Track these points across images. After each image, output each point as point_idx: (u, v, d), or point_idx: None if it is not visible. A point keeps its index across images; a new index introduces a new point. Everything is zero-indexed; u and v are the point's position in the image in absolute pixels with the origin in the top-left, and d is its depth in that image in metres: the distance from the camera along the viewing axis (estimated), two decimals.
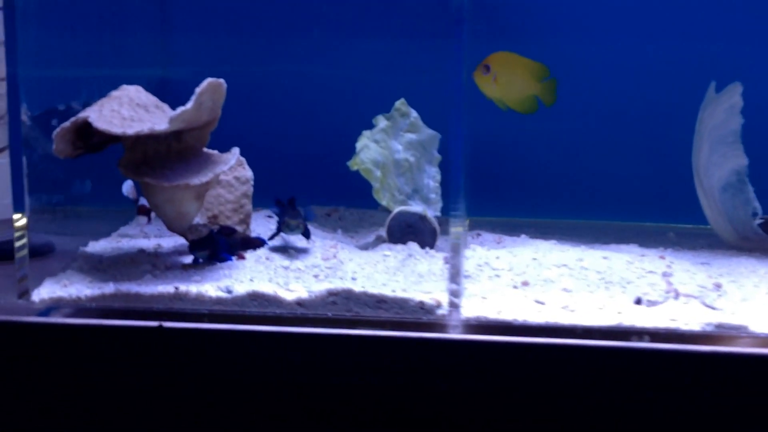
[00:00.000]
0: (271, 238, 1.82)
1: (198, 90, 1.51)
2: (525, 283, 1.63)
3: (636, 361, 1.41)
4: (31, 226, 1.53)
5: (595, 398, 1.42)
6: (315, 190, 2.30)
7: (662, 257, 1.83)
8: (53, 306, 1.53)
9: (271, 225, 2.00)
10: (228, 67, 2.27)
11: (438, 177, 2.00)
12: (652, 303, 1.54)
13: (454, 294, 1.51)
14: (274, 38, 2.30)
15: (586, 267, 1.68)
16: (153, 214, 1.87)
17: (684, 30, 2.18)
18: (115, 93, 1.59)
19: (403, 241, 1.91)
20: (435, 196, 1.99)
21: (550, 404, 1.43)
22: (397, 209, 1.94)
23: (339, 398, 1.45)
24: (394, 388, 1.45)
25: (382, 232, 2.09)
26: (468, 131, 1.82)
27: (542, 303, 1.54)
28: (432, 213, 1.95)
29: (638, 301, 1.55)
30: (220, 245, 1.69)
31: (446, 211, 2.01)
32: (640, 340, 1.44)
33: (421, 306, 1.51)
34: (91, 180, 1.88)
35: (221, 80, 1.55)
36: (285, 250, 1.79)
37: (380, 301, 1.51)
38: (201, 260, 1.68)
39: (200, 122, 1.58)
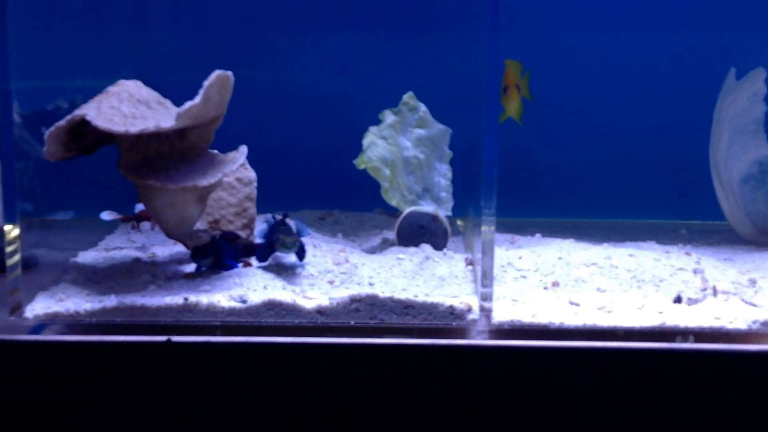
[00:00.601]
0: (264, 259, 1.60)
1: (206, 83, 1.39)
2: (555, 284, 1.54)
3: (683, 364, 1.33)
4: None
5: (641, 404, 1.33)
6: (306, 193, 2.21)
7: (688, 254, 1.75)
8: (48, 322, 1.40)
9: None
10: (210, 65, 2.17)
11: (449, 174, 1.90)
12: (692, 301, 1.45)
13: (486, 298, 1.41)
14: (260, 36, 2.19)
15: (615, 265, 1.60)
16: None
17: (689, 20, 2.11)
18: (112, 89, 1.47)
19: (415, 243, 1.81)
20: (446, 194, 1.89)
21: (594, 411, 1.34)
22: (407, 210, 1.84)
23: (366, 414, 1.35)
24: (426, 401, 1.34)
25: (388, 234, 1.99)
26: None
27: (577, 304, 1.45)
28: (444, 213, 1.85)
29: (678, 300, 1.46)
30: (224, 252, 1.57)
31: (459, 211, 1.91)
32: (686, 340, 1.35)
33: (451, 311, 1.41)
34: (66, 187, 1.75)
35: (229, 73, 1.44)
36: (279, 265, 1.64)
37: (407, 306, 1.41)
38: (203, 268, 1.56)
39: (206, 119, 1.47)
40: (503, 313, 1.41)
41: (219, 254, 1.57)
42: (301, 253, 1.59)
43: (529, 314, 1.40)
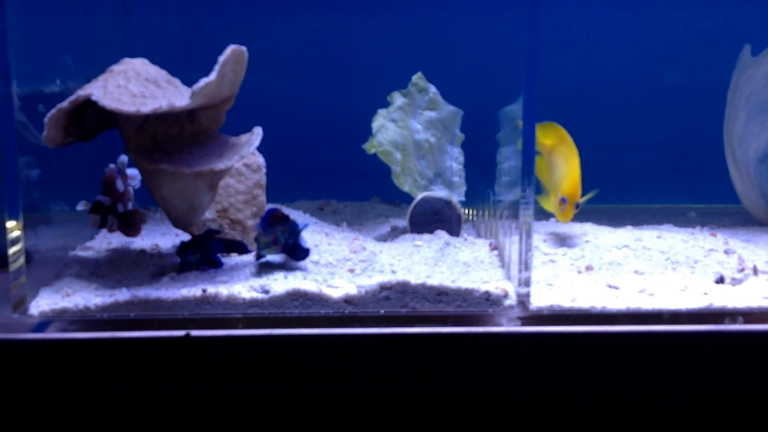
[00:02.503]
0: (259, 257, 1.47)
1: (221, 59, 1.30)
2: (589, 267, 1.47)
3: (734, 345, 1.27)
4: None
5: (691, 388, 1.27)
6: (302, 184, 2.13)
7: (713, 234, 1.70)
8: (55, 319, 1.30)
9: None
10: (198, 51, 2.08)
11: (461, 158, 1.83)
12: (735, 281, 1.40)
13: (524, 282, 1.34)
14: (248, 19, 2.10)
15: (648, 247, 1.54)
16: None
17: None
18: (117, 67, 1.37)
19: (429, 230, 1.73)
20: (459, 179, 1.82)
21: (641, 397, 1.27)
22: (420, 195, 1.76)
23: (400, 409, 1.26)
24: (464, 394, 1.26)
25: (395, 222, 1.92)
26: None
27: (616, 287, 1.38)
28: (457, 198, 1.78)
29: (720, 280, 1.40)
30: (213, 248, 1.47)
31: (472, 196, 1.84)
32: (735, 322, 1.29)
33: (487, 297, 1.33)
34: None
35: (244, 48, 1.35)
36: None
37: (441, 293, 1.33)
38: (190, 264, 1.45)
39: (219, 98, 1.37)
40: (541, 298, 1.34)
41: (207, 250, 1.46)
42: (297, 253, 1.45)
43: (568, 299, 1.33)
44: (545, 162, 1.72)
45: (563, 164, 1.64)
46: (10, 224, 1.31)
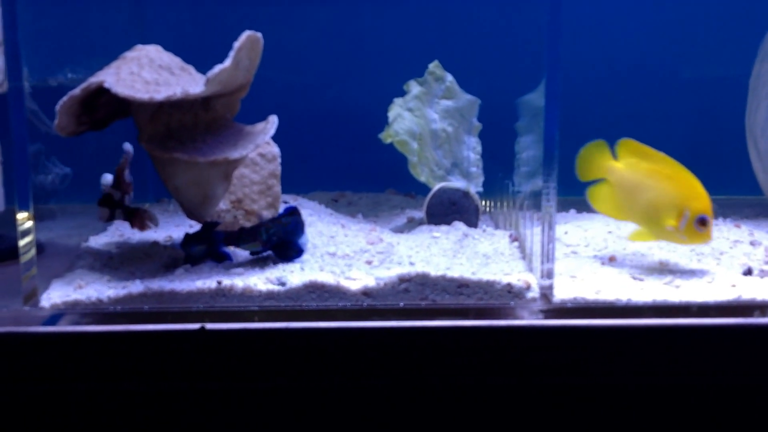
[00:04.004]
0: (256, 253, 1.43)
1: (236, 45, 1.26)
2: (613, 259, 1.43)
3: (765, 338, 1.23)
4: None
5: (720, 383, 1.23)
6: (317, 175, 2.10)
7: (738, 225, 1.66)
8: (67, 311, 1.27)
9: None
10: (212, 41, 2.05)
11: (478, 148, 1.79)
12: (764, 273, 1.36)
13: (547, 274, 1.30)
14: (261, 8, 2.07)
15: None
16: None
17: None
18: (130, 54, 1.33)
19: (447, 221, 1.70)
20: (476, 169, 1.78)
21: (668, 392, 1.24)
22: (437, 186, 1.73)
23: (420, 403, 1.23)
24: (487, 389, 1.23)
25: (412, 213, 1.88)
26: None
27: (641, 279, 1.35)
28: (474, 189, 1.74)
29: (748, 272, 1.37)
30: (219, 241, 1.42)
31: (489, 186, 1.81)
32: (764, 314, 1.25)
33: (509, 289, 1.30)
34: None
35: (259, 34, 1.31)
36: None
37: (462, 285, 1.29)
38: (194, 257, 1.40)
39: (234, 85, 1.34)
40: (564, 290, 1.30)
41: (214, 243, 1.41)
42: (283, 252, 1.41)
43: (592, 291, 1.30)
44: (613, 188, 1.46)
45: (667, 182, 1.41)
46: (21, 215, 1.28)
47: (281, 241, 1.40)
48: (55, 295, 1.28)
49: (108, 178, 1.43)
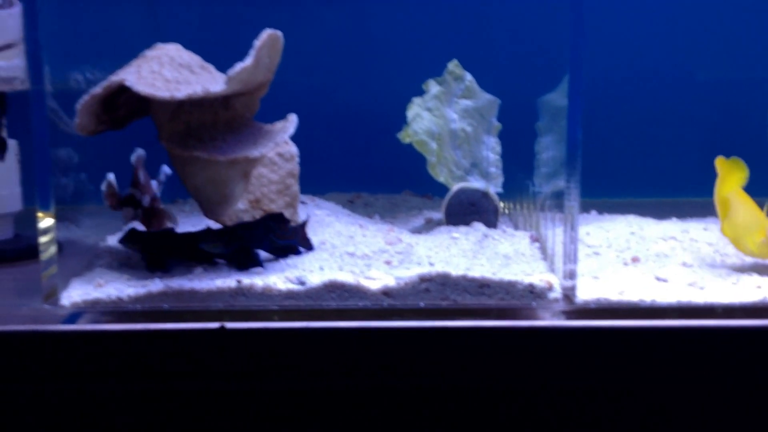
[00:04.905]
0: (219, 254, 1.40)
1: (257, 43, 1.26)
2: (636, 260, 1.42)
3: None
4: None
5: (745, 385, 1.21)
6: (333, 176, 2.09)
7: None
8: (87, 310, 1.27)
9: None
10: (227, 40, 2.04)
11: (498, 148, 1.77)
12: None
13: (570, 275, 1.29)
14: (276, 8, 2.06)
15: (695, 239, 1.48)
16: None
17: None
18: (150, 53, 1.33)
19: (466, 222, 1.69)
20: (495, 170, 1.76)
21: (692, 394, 1.22)
22: (456, 186, 1.71)
23: (440, 404, 1.22)
24: (507, 392, 1.22)
25: (429, 214, 1.87)
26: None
27: (665, 280, 1.33)
28: (494, 189, 1.73)
29: None
30: (253, 241, 1.37)
31: (508, 187, 1.79)
32: None
33: (531, 289, 1.28)
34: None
35: (279, 32, 1.31)
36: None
37: (483, 285, 1.28)
38: (216, 256, 1.39)
39: (254, 84, 1.33)
40: (587, 291, 1.29)
41: (249, 243, 1.37)
42: (242, 259, 1.37)
43: (616, 292, 1.28)
44: (727, 202, 1.47)
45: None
46: (41, 214, 1.28)
47: (241, 247, 1.37)
48: (75, 294, 1.28)
49: (111, 177, 1.42)
